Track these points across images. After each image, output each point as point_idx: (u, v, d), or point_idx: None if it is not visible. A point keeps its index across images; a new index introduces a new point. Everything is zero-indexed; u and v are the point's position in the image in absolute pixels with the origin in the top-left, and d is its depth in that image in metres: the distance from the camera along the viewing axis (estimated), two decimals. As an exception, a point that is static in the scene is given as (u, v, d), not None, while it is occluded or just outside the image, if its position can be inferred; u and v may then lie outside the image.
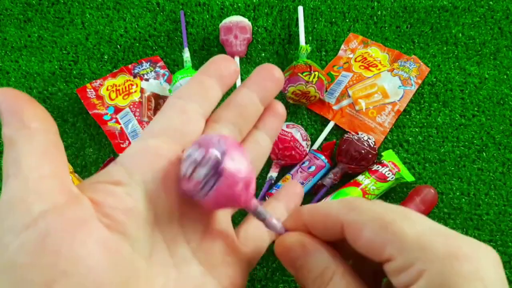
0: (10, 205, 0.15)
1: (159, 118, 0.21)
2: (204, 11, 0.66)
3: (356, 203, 0.18)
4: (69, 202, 0.16)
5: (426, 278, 0.15)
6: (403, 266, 0.16)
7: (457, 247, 0.15)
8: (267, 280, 0.51)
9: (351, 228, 0.18)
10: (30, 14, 0.66)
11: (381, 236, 0.17)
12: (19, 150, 0.16)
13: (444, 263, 0.15)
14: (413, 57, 0.61)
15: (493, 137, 0.58)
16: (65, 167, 0.17)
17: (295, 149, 0.53)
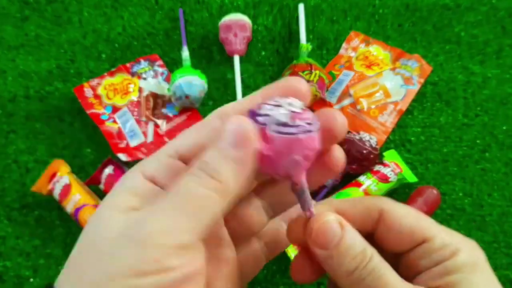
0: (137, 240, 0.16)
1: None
2: (203, 9, 0.65)
3: (386, 198, 0.21)
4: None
5: (463, 256, 0.19)
6: (440, 246, 0.19)
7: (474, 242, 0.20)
8: (267, 282, 0.50)
9: (392, 214, 0.20)
10: (27, 13, 0.65)
11: (418, 222, 0.20)
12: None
13: (472, 249, 0.20)
14: (416, 56, 0.60)
15: (496, 137, 0.57)
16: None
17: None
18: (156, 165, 0.19)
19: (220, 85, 0.61)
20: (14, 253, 0.52)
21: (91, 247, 0.17)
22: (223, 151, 0.17)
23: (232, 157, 0.17)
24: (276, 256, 0.26)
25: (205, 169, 0.17)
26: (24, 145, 0.57)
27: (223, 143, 0.17)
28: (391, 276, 0.19)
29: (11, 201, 0.54)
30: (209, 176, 0.17)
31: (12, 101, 0.59)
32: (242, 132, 0.17)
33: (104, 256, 0.16)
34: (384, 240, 0.21)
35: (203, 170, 0.17)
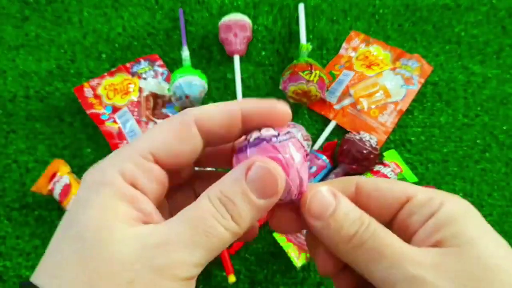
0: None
1: None
2: (203, 9, 0.65)
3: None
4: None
5: (449, 205, 0.18)
6: (425, 200, 0.19)
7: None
8: (267, 282, 0.50)
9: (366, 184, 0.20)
10: (27, 13, 0.65)
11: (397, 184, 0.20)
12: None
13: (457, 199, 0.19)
14: (416, 56, 0.60)
15: (496, 137, 0.57)
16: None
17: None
18: (133, 167, 0.18)
19: (220, 85, 0.61)
20: (14, 253, 0.52)
21: (103, 264, 0.16)
22: (251, 199, 0.18)
23: (258, 207, 0.18)
24: (276, 256, 0.26)
25: (230, 210, 0.18)
26: (24, 145, 0.57)
27: (251, 189, 0.18)
28: (393, 238, 0.18)
29: (11, 201, 0.54)
30: (232, 220, 0.18)
31: (12, 101, 0.59)
32: (276, 185, 0.18)
33: (121, 279, 0.16)
34: (369, 210, 0.20)
35: (228, 211, 0.18)
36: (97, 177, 0.18)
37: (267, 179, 0.18)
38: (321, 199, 0.20)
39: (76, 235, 0.16)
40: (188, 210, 0.18)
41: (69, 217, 0.17)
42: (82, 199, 0.17)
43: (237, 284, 0.50)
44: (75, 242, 0.16)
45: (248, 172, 0.18)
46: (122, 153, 0.18)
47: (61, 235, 0.17)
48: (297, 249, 0.48)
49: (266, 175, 0.18)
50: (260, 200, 0.18)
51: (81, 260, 0.16)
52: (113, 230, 0.16)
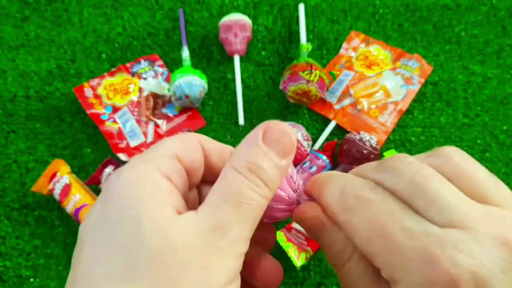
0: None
1: None
2: (203, 9, 0.65)
3: (349, 202, 0.18)
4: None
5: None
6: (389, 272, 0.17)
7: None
8: (267, 282, 0.50)
9: (345, 229, 0.18)
10: (27, 13, 0.65)
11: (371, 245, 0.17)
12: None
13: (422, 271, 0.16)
14: (416, 56, 0.60)
15: (496, 137, 0.57)
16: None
17: (296, 149, 0.52)
18: (166, 163, 0.18)
19: (220, 85, 0.61)
20: (14, 253, 0.51)
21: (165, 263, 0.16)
22: (275, 160, 0.18)
23: (281, 167, 0.19)
24: (276, 256, 0.26)
25: (261, 177, 0.18)
26: (24, 145, 0.57)
27: (274, 152, 0.18)
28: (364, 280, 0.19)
29: (11, 201, 0.54)
30: (265, 186, 0.18)
31: (12, 101, 0.59)
32: (292, 143, 0.19)
33: (195, 268, 0.16)
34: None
35: (260, 178, 0.18)
36: (135, 173, 0.17)
37: (283, 138, 0.19)
38: (309, 223, 0.21)
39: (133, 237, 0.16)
40: (222, 188, 0.18)
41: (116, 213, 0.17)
42: (125, 193, 0.17)
43: (237, 284, 0.50)
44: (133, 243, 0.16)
45: (265, 135, 0.18)
46: (149, 155, 0.19)
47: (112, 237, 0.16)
48: (297, 249, 0.48)
49: (282, 134, 0.19)
50: (282, 160, 0.19)
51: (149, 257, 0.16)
52: (170, 220, 0.16)
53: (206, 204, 0.17)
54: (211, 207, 0.17)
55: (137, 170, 0.17)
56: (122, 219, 0.16)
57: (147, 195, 0.17)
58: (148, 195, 0.17)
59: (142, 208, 0.16)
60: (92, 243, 0.17)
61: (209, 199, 0.18)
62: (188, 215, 0.17)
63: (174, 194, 0.18)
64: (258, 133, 0.18)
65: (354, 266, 0.19)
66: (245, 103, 0.59)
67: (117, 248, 0.16)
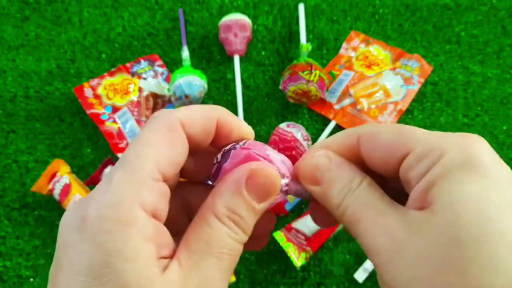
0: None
1: None
2: (203, 9, 0.65)
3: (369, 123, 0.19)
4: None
5: (449, 156, 0.16)
6: (424, 153, 0.17)
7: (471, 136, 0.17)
8: (267, 282, 0.50)
9: (368, 135, 0.19)
10: (27, 13, 0.65)
11: (399, 134, 0.18)
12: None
13: (465, 145, 0.16)
14: (416, 56, 0.60)
15: (496, 137, 0.57)
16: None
17: (296, 149, 0.52)
18: (152, 197, 0.17)
19: (220, 85, 0.61)
20: (14, 253, 0.52)
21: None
22: (254, 207, 0.18)
23: (259, 211, 0.19)
24: (276, 256, 0.26)
25: (240, 225, 0.18)
26: (24, 145, 0.57)
27: (255, 198, 0.18)
28: (374, 203, 0.18)
29: (11, 201, 0.54)
30: (243, 232, 0.18)
31: (12, 101, 0.59)
32: (276, 189, 0.19)
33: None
34: (373, 165, 0.19)
35: (238, 226, 0.18)
36: (120, 215, 0.16)
37: (268, 186, 0.19)
38: (316, 165, 0.20)
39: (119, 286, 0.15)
40: (204, 236, 0.17)
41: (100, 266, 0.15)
42: (110, 246, 0.15)
43: (237, 284, 0.50)
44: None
45: (248, 180, 0.18)
46: (134, 180, 0.17)
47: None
48: (297, 249, 0.48)
49: (266, 182, 0.19)
50: (260, 204, 0.19)
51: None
52: (157, 281, 0.16)
53: (188, 251, 0.17)
54: (194, 259, 0.17)
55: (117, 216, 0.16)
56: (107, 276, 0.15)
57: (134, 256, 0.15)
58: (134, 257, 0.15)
59: (129, 270, 0.15)
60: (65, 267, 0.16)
61: (191, 246, 0.17)
62: (173, 272, 0.16)
63: (161, 235, 0.17)
64: (242, 178, 0.18)
65: (363, 192, 0.18)
66: (245, 103, 0.59)
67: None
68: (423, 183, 0.16)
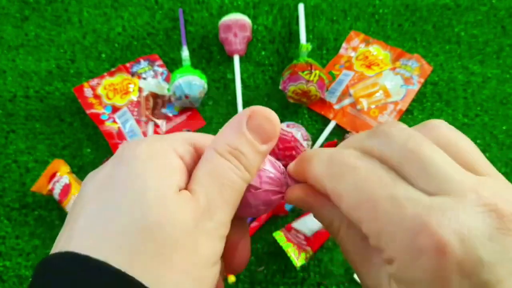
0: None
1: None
2: (203, 9, 0.65)
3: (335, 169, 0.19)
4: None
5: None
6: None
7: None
8: (267, 282, 0.50)
9: (332, 196, 0.19)
10: (27, 13, 0.65)
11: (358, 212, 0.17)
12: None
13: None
14: (416, 56, 0.60)
15: (496, 137, 0.57)
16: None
17: (296, 149, 0.52)
18: (184, 148, 0.20)
19: (220, 85, 0.61)
20: (14, 253, 0.52)
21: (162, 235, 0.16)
22: (256, 147, 0.19)
23: (262, 152, 0.20)
24: (276, 256, 0.26)
25: (242, 161, 0.19)
26: (24, 145, 0.57)
27: (256, 138, 0.19)
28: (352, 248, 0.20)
29: (11, 201, 0.54)
30: (245, 169, 0.19)
31: (12, 101, 0.59)
32: (275, 130, 0.20)
33: (186, 246, 0.17)
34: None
35: (240, 162, 0.19)
36: (151, 147, 0.19)
37: (267, 125, 0.20)
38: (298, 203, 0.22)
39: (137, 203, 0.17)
40: (208, 169, 0.19)
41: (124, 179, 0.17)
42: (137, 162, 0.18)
43: (237, 284, 0.50)
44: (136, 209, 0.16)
45: (250, 121, 0.19)
46: (169, 136, 0.20)
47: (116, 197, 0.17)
48: (297, 249, 0.48)
49: (266, 121, 0.20)
50: (263, 146, 0.20)
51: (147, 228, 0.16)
52: (173, 196, 0.17)
53: (195, 183, 0.19)
54: (199, 187, 0.18)
55: (154, 145, 0.19)
56: (129, 187, 0.17)
57: (158, 168, 0.18)
58: (158, 169, 0.18)
59: (150, 179, 0.17)
60: (95, 204, 0.17)
61: (196, 178, 0.19)
62: (185, 194, 0.18)
63: (183, 173, 0.19)
64: (243, 118, 0.19)
65: (344, 235, 0.20)
66: (245, 103, 0.59)
67: (118, 213, 0.16)
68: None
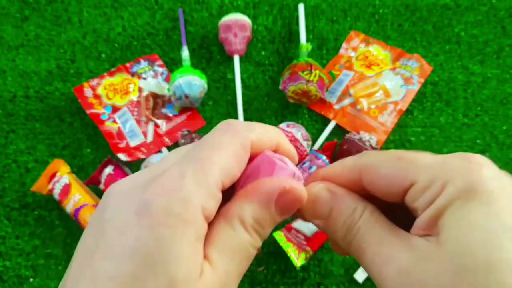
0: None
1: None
2: (203, 9, 0.65)
3: (366, 153, 0.20)
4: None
5: (452, 186, 0.16)
6: (427, 184, 0.17)
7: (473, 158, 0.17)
8: (267, 282, 0.50)
9: (369, 169, 0.19)
10: (27, 13, 0.65)
11: (400, 166, 0.18)
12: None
13: (467, 171, 0.16)
14: (416, 56, 0.60)
15: (496, 137, 0.57)
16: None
17: (296, 149, 0.52)
18: (212, 203, 0.17)
19: (220, 85, 0.61)
20: (14, 253, 0.52)
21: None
22: (276, 220, 0.19)
23: (278, 222, 0.19)
24: (276, 256, 0.26)
25: (260, 234, 0.19)
26: (24, 145, 0.57)
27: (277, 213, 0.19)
28: (377, 231, 0.18)
29: (11, 201, 0.54)
30: (260, 239, 0.19)
31: (12, 101, 0.59)
32: (298, 205, 0.19)
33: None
34: (377, 194, 0.19)
35: (259, 235, 0.19)
36: (186, 214, 0.16)
37: (294, 204, 0.19)
38: (318, 199, 0.21)
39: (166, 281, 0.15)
40: (230, 242, 0.18)
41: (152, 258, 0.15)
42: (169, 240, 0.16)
43: (237, 284, 0.50)
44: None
45: (279, 197, 0.19)
46: (204, 183, 0.17)
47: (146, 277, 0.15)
48: (297, 249, 0.48)
49: (296, 203, 0.19)
50: (281, 217, 0.19)
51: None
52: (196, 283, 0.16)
53: (216, 251, 0.17)
54: (220, 260, 0.17)
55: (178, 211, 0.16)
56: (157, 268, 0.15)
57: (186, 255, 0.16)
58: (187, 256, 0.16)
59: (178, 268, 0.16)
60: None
61: (218, 247, 0.18)
62: (208, 275, 0.17)
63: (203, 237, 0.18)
64: (274, 195, 0.19)
65: (365, 222, 0.19)
66: (245, 103, 0.59)
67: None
68: (428, 213, 0.16)
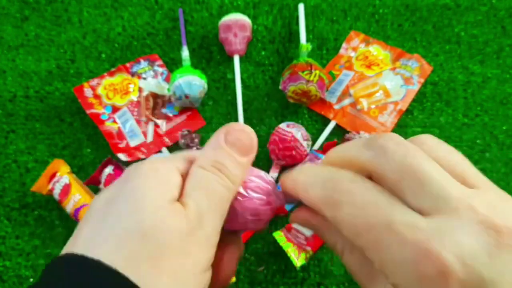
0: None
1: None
2: (203, 9, 0.65)
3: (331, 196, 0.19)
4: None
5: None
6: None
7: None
8: (267, 282, 0.50)
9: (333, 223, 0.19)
10: (27, 13, 0.65)
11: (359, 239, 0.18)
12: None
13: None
14: (416, 56, 0.60)
15: (496, 137, 0.57)
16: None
17: (296, 149, 0.52)
18: (184, 166, 0.22)
19: (220, 85, 0.61)
20: (14, 253, 0.52)
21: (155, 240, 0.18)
22: (236, 158, 0.21)
23: (242, 164, 0.21)
24: (276, 256, 0.26)
25: (225, 172, 0.21)
26: (24, 145, 0.57)
27: (235, 150, 0.21)
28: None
29: (11, 201, 0.54)
30: (228, 179, 0.21)
31: (12, 101, 0.59)
32: (252, 142, 0.21)
33: (178, 252, 0.18)
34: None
35: (223, 173, 0.21)
36: (154, 166, 0.20)
37: (243, 138, 0.21)
38: (302, 223, 0.24)
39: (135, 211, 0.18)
40: (195, 183, 0.20)
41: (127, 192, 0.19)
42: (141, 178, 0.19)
43: (237, 284, 0.50)
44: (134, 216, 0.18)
45: (227, 137, 0.21)
46: (171, 156, 0.22)
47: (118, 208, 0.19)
48: (297, 249, 0.48)
49: (241, 134, 0.21)
50: (243, 158, 0.21)
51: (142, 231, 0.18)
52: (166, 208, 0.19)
53: (184, 196, 0.20)
54: (189, 199, 0.20)
55: (156, 163, 0.21)
56: (130, 198, 0.19)
57: (157, 183, 0.19)
58: (157, 183, 0.19)
59: (149, 191, 0.19)
60: (100, 215, 0.19)
61: (185, 192, 0.20)
62: (178, 205, 0.19)
63: (179, 188, 0.20)
64: (220, 135, 0.21)
65: (348, 257, 0.21)
66: (244, 103, 0.59)
67: (118, 220, 0.18)
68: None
